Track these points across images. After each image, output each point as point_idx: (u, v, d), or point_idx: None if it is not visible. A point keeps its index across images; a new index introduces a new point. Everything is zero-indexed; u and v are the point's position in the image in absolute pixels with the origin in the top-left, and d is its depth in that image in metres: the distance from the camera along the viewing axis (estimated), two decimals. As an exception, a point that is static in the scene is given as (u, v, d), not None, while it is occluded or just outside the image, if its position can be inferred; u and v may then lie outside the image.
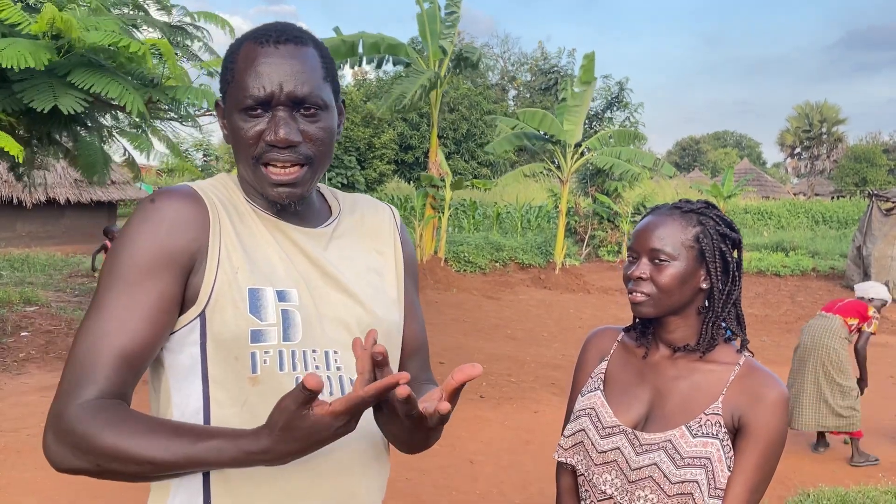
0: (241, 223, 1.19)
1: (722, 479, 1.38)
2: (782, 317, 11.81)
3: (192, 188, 1.17)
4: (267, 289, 1.14)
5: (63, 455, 1.04)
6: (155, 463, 1.01)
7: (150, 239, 1.10)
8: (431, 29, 12.64)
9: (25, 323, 7.73)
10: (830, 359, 5.10)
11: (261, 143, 1.15)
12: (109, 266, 1.12)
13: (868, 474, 4.93)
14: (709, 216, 1.48)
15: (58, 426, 1.04)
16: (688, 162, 58.20)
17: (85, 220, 16.60)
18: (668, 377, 1.49)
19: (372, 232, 1.35)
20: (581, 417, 1.54)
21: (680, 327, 1.49)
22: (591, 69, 13.82)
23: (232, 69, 1.16)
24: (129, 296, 1.09)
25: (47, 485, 4.11)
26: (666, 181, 28.28)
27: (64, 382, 1.07)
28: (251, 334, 1.12)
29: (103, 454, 1.01)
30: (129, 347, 1.07)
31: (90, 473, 1.04)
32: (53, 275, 11.69)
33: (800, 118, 45.83)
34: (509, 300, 11.95)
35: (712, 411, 1.41)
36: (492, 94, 30.14)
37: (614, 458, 1.46)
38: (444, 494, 4.31)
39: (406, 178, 27.17)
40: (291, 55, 1.14)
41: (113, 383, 1.06)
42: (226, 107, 1.19)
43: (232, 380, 1.12)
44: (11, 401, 5.58)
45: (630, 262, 1.51)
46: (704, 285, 1.47)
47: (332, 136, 1.20)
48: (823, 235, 22.40)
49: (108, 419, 1.02)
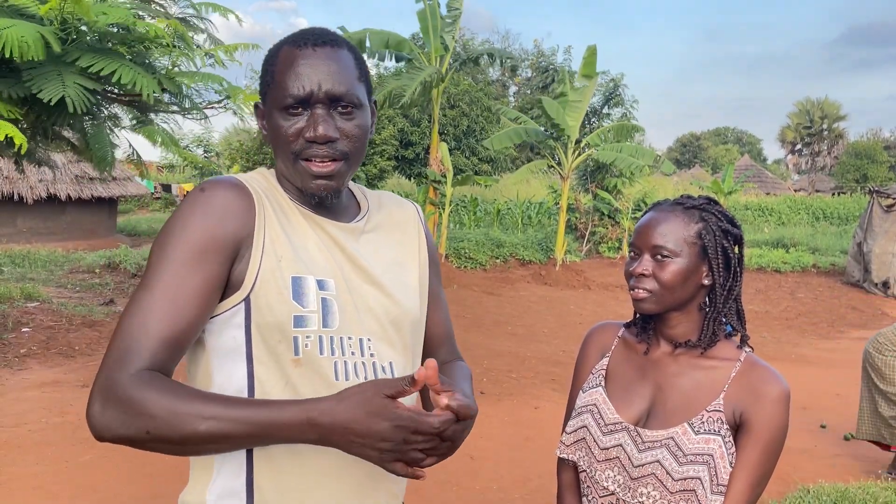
0: (281, 214, 1.25)
1: (724, 475, 1.38)
2: (783, 313, 11.81)
3: (238, 179, 1.24)
4: (308, 277, 1.22)
5: (111, 422, 1.07)
6: (215, 419, 1.05)
7: (200, 225, 1.16)
8: (433, 25, 12.61)
9: (26, 319, 7.74)
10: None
11: (300, 140, 1.22)
12: (161, 248, 1.17)
13: (868, 471, 4.94)
14: (711, 212, 1.48)
15: (108, 394, 1.08)
16: (688, 158, 58.17)
17: (86, 217, 16.59)
18: (670, 373, 1.49)
19: (398, 227, 1.43)
20: (583, 414, 1.54)
21: (681, 323, 1.49)
22: (592, 63, 13.65)
23: (272, 72, 1.24)
24: (180, 278, 1.14)
25: (48, 480, 4.12)
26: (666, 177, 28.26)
27: (113, 354, 1.11)
28: (294, 319, 1.19)
29: (160, 417, 1.06)
30: (177, 327, 1.13)
31: (136, 442, 1.08)
32: (54, 271, 11.69)
33: (800, 114, 45.81)
34: (510, 296, 11.95)
35: (714, 408, 1.42)
36: (492, 90, 30.10)
37: (616, 454, 1.46)
38: (444, 490, 4.31)
39: (406, 174, 27.13)
40: (328, 56, 1.22)
41: (159, 360, 1.12)
42: (266, 107, 1.27)
43: (275, 361, 1.19)
44: (12, 396, 5.59)
45: (632, 259, 1.51)
46: (706, 281, 1.48)
47: (366, 134, 1.27)
48: (824, 232, 22.39)
49: (164, 386, 1.08)
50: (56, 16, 4.74)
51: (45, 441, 4.69)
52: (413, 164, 26.08)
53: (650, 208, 1.54)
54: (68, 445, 4.64)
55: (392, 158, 24.82)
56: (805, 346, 9.40)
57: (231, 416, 1.06)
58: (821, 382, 7.22)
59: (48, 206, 15.60)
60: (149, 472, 4.29)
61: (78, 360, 6.72)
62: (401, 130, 25.22)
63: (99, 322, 8.02)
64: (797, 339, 9.89)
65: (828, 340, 9.95)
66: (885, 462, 5.08)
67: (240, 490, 1.19)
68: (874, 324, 11.30)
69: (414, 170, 25.85)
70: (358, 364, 1.23)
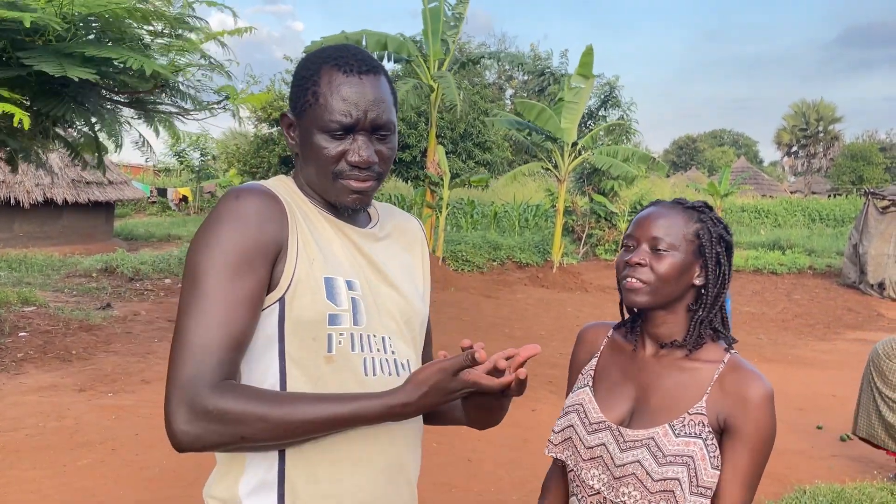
0: (308, 220, 1.33)
1: (705, 476, 1.38)
2: (779, 315, 11.84)
3: (266, 187, 1.30)
4: (339, 278, 1.29)
5: (203, 433, 1.14)
6: (308, 423, 1.16)
7: (243, 232, 1.22)
8: (434, 27, 12.59)
9: (23, 323, 7.73)
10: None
11: (342, 162, 1.30)
12: (208, 256, 1.21)
13: (864, 472, 4.95)
14: (708, 215, 1.50)
15: (195, 409, 1.14)
16: (685, 160, 58.25)
17: (83, 221, 16.58)
18: (653, 374, 1.49)
19: (405, 236, 1.53)
20: (570, 413, 1.56)
21: (667, 322, 1.49)
22: (589, 63, 13.55)
23: (315, 91, 1.29)
24: (233, 284, 1.20)
25: (45, 484, 4.12)
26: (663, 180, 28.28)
27: (185, 368, 1.16)
28: (329, 318, 1.26)
29: (255, 424, 1.14)
30: (239, 332, 1.19)
31: (229, 447, 1.18)
32: (51, 275, 11.68)
33: (796, 116, 45.92)
34: (507, 299, 11.96)
35: (696, 411, 1.41)
36: (489, 93, 30.11)
37: (600, 453, 1.47)
38: (442, 492, 4.32)
39: (403, 177, 27.13)
40: (373, 85, 1.30)
41: (229, 367, 1.18)
42: (301, 123, 1.33)
43: (308, 358, 1.25)
44: (10, 401, 5.59)
45: (627, 250, 1.50)
46: (697, 281, 1.48)
47: (395, 153, 1.38)
48: (820, 233, 22.45)
49: (250, 394, 1.16)
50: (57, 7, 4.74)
51: (43, 445, 4.69)
52: (410, 167, 26.06)
53: (650, 204, 1.56)
54: (66, 450, 4.64)
55: (389, 161, 24.79)
56: (801, 348, 9.42)
57: (321, 415, 1.17)
58: (817, 383, 7.25)
59: (45, 211, 15.59)
60: (146, 476, 4.29)
61: (75, 364, 6.72)
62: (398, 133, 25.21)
63: (96, 326, 8.01)
64: (793, 341, 9.91)
65: (824, 342, 9.98)
66: (881, 462, 5.10)
67: (272, 482, 1.24)
68: (870, 325, 11.33)
69: (411, 172, 25.84)
70: (382, 361, 1.31)
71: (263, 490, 1.25)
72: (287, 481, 1.24)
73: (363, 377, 1.27)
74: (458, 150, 26.54)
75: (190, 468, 4.29)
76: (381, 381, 1.28)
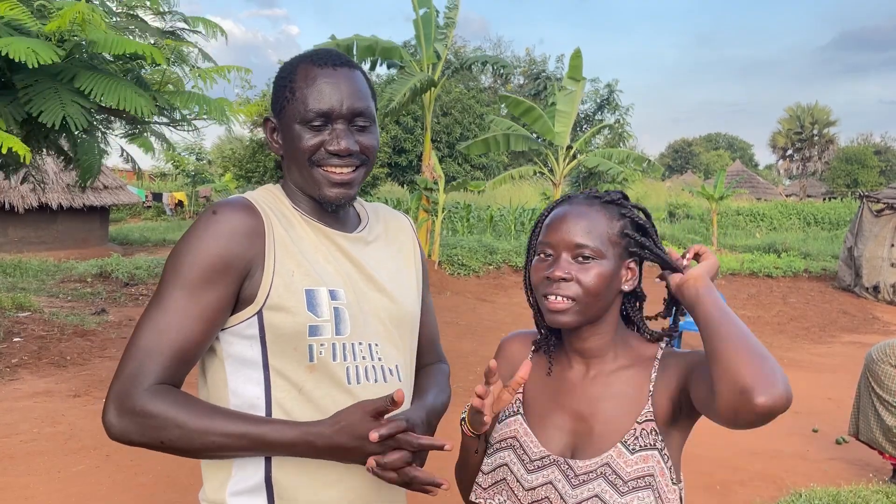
0: (290, 229, 1.33)
1: (669, 494, 1.21)
2: (774, 318, 11.85)
3: (247, 200, 1.32)
4: (321, 289, 1.29)
5: (127, 430, 1.19)
6: (223, 436, 1.18)
7: (212, 247, 1.24)
8: (426, 33, 12.62)
9: (18, 328, 7.70)
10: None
11: (321, 151, 1.31)
12: (174, 267, 1.26)
13: (860, 474, 4.96)
14: (629, 208, 1.30)
15: (124, 405, 1.19)
16: (680, 164, 58.39)
17: (77, 226, 16.53)
18: (588, 398, 1.29)
19: (395, 237, 1.53)
20: (502, 450, 1.32)
21: (595, 335, 1.30)
22: (578, 66, 13.72)
23: (292, 87, 1.32)
24: (191, 297, 1.23)
25: (40, 490, 4.10)
26: (659, 183, 28.36)
27: (127, 367, 1.21)
28: (309, 329, 1.27)
29: (173, 430, 1.17)
30: (187, 344, 1.23)
31: (152, 448, 1.21)
32: (46, 280, 11.64)
33: (791, 120, 46.03)
34: (503, 303, 11.96)
35: (645, 418, 1.24)
36: (484, 98, 30.17)
37: (546, 494, 1.24)
38: (439, 493, 4.31)
39: (399, 181, 27.16)
40: (347, 76, 1.33)
41: (171, 373, 1.22)
42: (281, 121, 1.34)
43: (291, 368, 1.27)
44: (4, 406, 5.56)
45: (542, 261, 1.29)
46: (626, 287, 1.30)
47: (377, 146, 1.38)
48: (815, 237, 22.49)
49: (177, 400, 1.19)
50: (55, 34, 4.75)
51: (37, 451, 4.67)
52: (406, 172, 26.11)
53: (560, 202, 1.34)
54: (60, 455, 4.62)
55: (385, 165, 24.85)
56: (796, 351, 9.43)
57: (237, 432, 1.18)
58: (812, 387, 7.25)
59: (39, 216, 15.54)
60: (141, 481, 4.27)
61: (70, 369, 6.69)
62: (394, 138, 25.27)
63: (91, 331, 7.98)
64: (789, 344, 9.92)
65: (819, 345, 9.99)
66: (877, 466, 5.10)
67: (260, 486, 1.27)
68: (865, 328, 11.35)
69: (407, 177, 25.88)
70: (368, 368, 1.32)
71: (252, 494, 1.28)
72: (275, 485, 1.27)
73: (347, 385, 1.29)
74: (453, 154, 26.59)
75: (185, 474, 4.27)
76: (367, 389, 1.29)
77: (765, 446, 5.38)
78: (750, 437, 5.35)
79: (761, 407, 1.04)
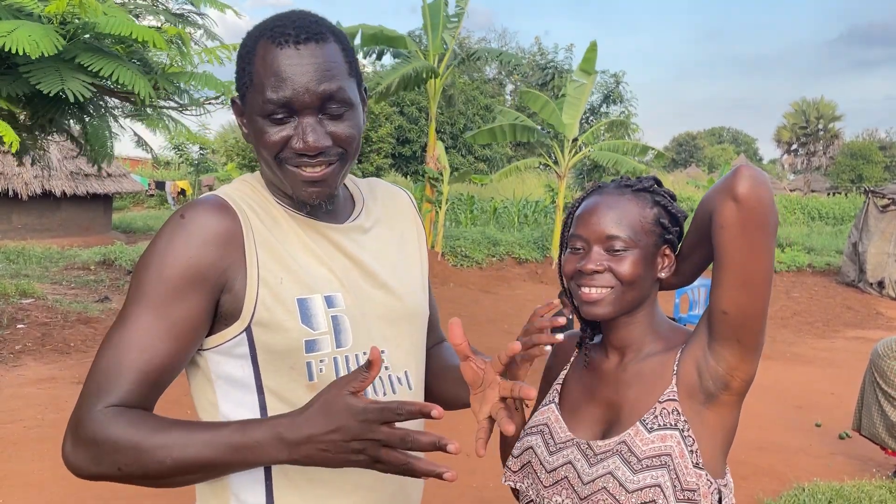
0: (275, 228, 1.17)
1: (689, 477, 1.16)
2: (778, 312, 11.83)
3: (221, 199, 1.15)
4: (315, 296, 1.14)
5: (83, 461, 1.05)
6: (184, 447, 1.00)
7: (179, 256, 1.08)
8: (434, 22, 12.52)
9: (21, 315, 7.72)
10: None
11: (287, 149, 1.12)
12: (137, 280, 1.10)
13: (863, 469, 4.96)
14: (662, 194, 1.28)
15: (77, 433, 1.05)
16: (685, 158, 58.29)
17: (81, 213, 16.55)
18: (618, 385, 1.29)
19: (395, 217, 1.36)
20: (531, 435, 1.33)
21: (631, 324, 1.28)
22: (592, 60, 13.49)
23: (249, 71, 1.12)
24: (156, 313, 1.07)
25: (45, 476, 4.11)
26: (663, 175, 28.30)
27: (85, 392, 1.07)
28: (305, 344, 1.12)
29: (126, 453, 1.01)
30: (152, 364, 1.07)
31: (113, 478, 1.04)
32: (49, 267, 11.65)
33: (796, 115, 45.91)
34: (506, 295, 11.96)
35: (667, 397, 1.21)
36: (489, 89, 30.10)
37: (565, 474, 1.25)
38: (441, 486, 4.31)
39: (403, 172, 27.13)
40: (313, 55, 1.09)
41: (134, 396, 1.06)
42: (246, 109, 1.15)
43: (289, 388, 1.13)
44: (8, 393, 5.58)
45: (574, 254, 1.27)
46: (663, 274, 1.27)
47: (360, 131, 1.17)
48: (819, 232, 22.44)
49: (129, 420, 1.03)
50: (57, 16, 4.73)
51: (42, 437, 4.68)
52: (410, 162, 26.09)
53: (591, 191, 1.31)
54: (64, 442, 4.63)
55: (389, 156, 24.86)
56: (800, 346, 9.42)
57: (196, 441, 1.00)
58: (816, 381, 7.24)
59: (43, 203, 15.56)
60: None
61: (73, 356, 6.71)
62: (398, 128, 25.24)
63: (94, 319, 8.00)
64: (792, 339, 9.91)
65: (823, 340, 9.98)
66: (880, 461, 5.10)
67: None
68: (869, 323, 11.33)
69: (411, 167, 25.86)
70: (375, 381, 1.17)
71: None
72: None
73: None
74: (457, 145, 26.55)
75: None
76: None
77: (768, 440, 5.38)
78: (753, 432, 5.35)
79: (743, 189, 1.07)
